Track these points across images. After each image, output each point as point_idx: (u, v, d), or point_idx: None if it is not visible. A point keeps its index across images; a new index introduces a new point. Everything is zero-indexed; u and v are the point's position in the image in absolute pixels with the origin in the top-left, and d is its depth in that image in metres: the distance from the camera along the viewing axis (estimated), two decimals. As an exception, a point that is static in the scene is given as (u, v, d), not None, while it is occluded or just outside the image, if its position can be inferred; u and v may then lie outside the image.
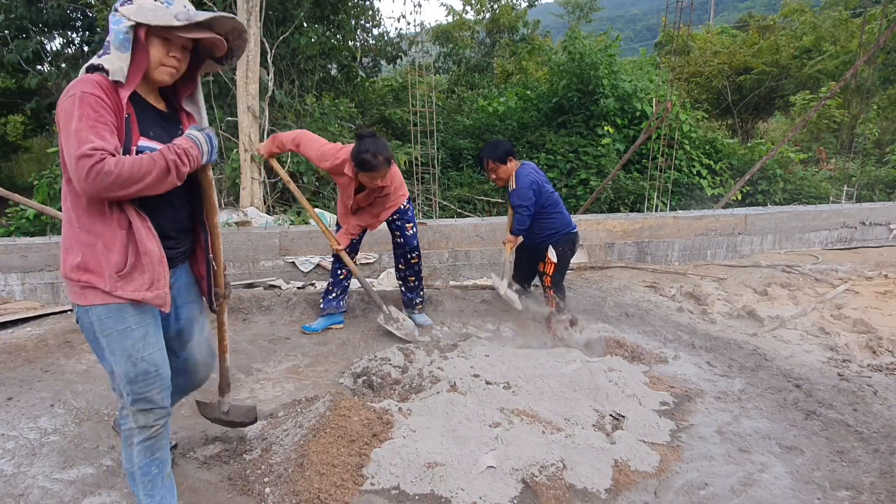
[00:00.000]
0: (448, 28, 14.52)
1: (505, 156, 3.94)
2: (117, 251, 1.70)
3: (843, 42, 12.78)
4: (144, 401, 1.82)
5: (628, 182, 8.83)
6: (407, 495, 2.22)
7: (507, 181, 4.02)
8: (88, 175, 1.54)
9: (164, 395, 1.86)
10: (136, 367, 1.78)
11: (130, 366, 1.77)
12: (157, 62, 1.75)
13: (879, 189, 10.58)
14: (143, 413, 1.83)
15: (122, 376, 1.77)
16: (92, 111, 1.60)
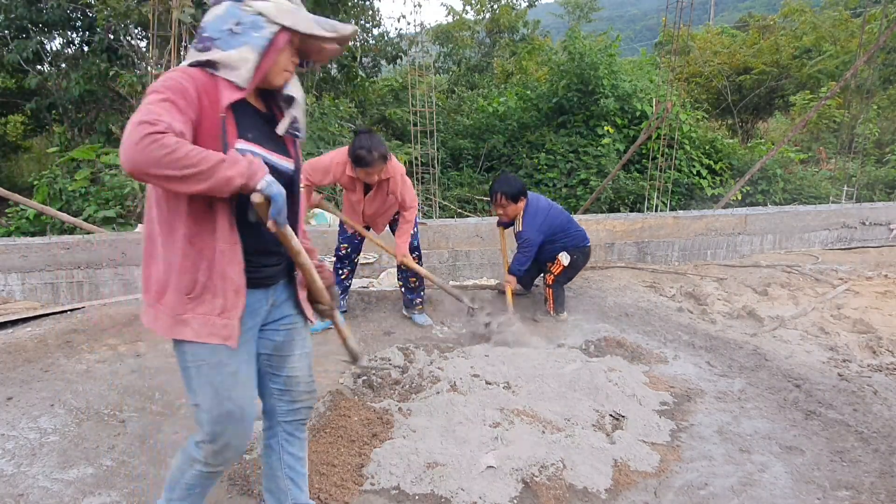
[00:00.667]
0: (448, 28, 14.53)
1: (518, 195, 3.96)
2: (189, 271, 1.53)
3: (843, 42, 12.78)
4: (223, 443, 1.66)
5: (628, 182, 8.84)
6: (407, 495, 2.22)
7: (513, 219, 4.05)
8: (143, 140, 1.31)
9: (244, 440, 1.70)
10: (221, 406, 1.62)
11: (216, 404, 1.61)
12: (282, 67, 1.60)
13: (879, 189, 10.59)
14: (217, 454, 1.68)
15: (205, 412, 1.62)
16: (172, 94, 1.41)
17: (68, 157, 7.81)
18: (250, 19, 1.53)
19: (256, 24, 1.54)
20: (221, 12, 1.54)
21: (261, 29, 1.54)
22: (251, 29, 1.53)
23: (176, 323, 1.56)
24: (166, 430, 2.66)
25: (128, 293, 4.61)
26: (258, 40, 1.53)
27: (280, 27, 1.55)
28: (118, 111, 8.95)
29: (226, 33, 1.53)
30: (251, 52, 1.52)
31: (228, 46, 1.52)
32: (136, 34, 8.77)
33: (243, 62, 1.52)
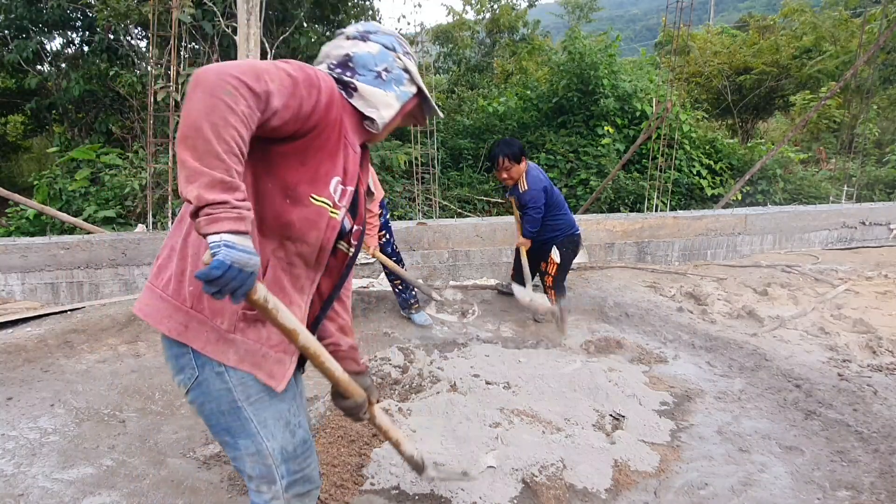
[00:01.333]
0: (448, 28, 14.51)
1: (520, 154, 3.96)
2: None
3: (843, 42, 12.78)
4: (303, 481, 1.47)
5: (628, 182, 8.84)
6: (407, 495, 2.22)
7: (516, 181, 4.04)
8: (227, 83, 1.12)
9: (318, 468, 1.54)
10: (294, 436, 1.43)
11: (289, 436, 1.41)
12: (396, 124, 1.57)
13: (879, 189, 10.58)
14: (299, 498, 1.46)
15: (276, 453, 1.39)
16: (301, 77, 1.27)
17: (68, 157, 7.80)
18: (397, 72, 1.53)
19: (400, 79, 1.54)
20: (375, 52, 1.51)
21: (402, 84, 1.54)
22: (395, 81, 1.53)
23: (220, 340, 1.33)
24: (166, 430, 2.66)
25: (128, 293, 4.61)
26: (403, 94, 1.53)
27: (417, 90, 1.57)
28: (118, 111, 8.94)
29: (372, 74, 1.49)
30: (396, 101, 1.51)
31: (371, 85, 1.48)
32: (136, 34, 8.78)
33: (386, 106, 1.49)
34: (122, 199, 7.14)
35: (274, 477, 1.41)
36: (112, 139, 8.76)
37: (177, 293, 1.34)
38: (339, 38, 1.57)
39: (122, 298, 4.42)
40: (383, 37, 1.55)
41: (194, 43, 7.54)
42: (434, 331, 4.05)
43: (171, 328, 1.33)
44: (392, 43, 1.55)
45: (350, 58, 1.49)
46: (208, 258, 1.10)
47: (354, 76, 1.47)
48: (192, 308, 1.33)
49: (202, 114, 1.11)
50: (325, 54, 1.54)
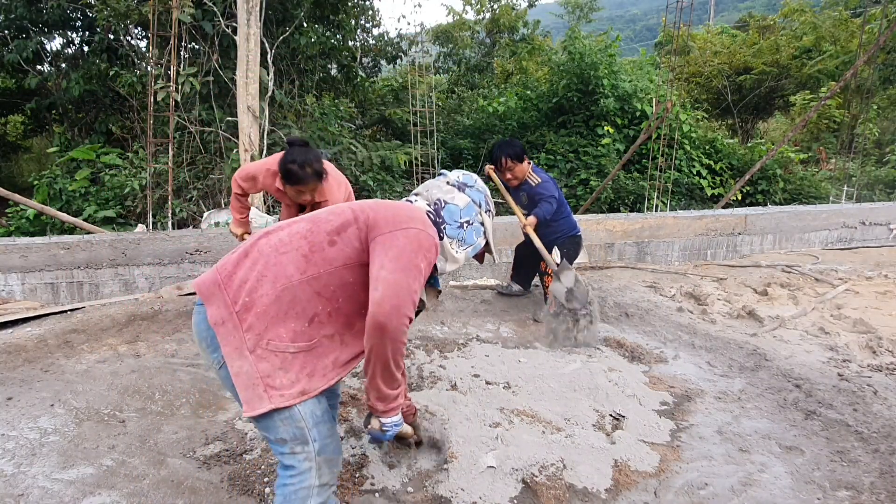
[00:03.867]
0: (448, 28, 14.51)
1: (521, 153, 3.96)
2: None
3: (843, 42, 12.78)
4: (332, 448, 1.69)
5: (628, 182, 8.84)
6: (406, 495, 2.22)
7: (521, 180, 4.03)
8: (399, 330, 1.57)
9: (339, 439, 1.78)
10: (320, 403, 1.67)
11: (316, 402, 1.65)
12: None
13: (879, 189, 10.59)
14: (328, 464, 1.68)
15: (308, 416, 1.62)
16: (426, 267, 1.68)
17: (68, 157, 7.81)
18: (476, 225, 1.87)
19: (477, 232, 1.88)
20: (463, 206, 1.86)
21: (478, 236, 1.89)
22: (474, 232, 1.87)
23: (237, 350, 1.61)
24: (166, 430, 2.66)
25: (128, 293, 4.61)
26: (472, 250, 1.89)
27: (486, 243, 1.92)
28: (118, 111, 8.94)
29: (456, 224, 1.84)
30: (464, 259, 1.87)
31: (452, 235, 1.83)
32: (136, 34, 8.78)
33: (453, 262, 1.86)
34: (122, 199, 7.15)
35: (307, 438, 1.62)
36: (112, 139, 8.76)
37: (235, 294, 1.60)
38: (440, 179, 1.95)
39: (122, 298, 4.42)
40: (475, 193, 1.92)
41: (194, 43, 7.54)
42: (434, 331, 4.05)
43: (213, 315, 1.60)
44: (480, 200, 1.91)
45: (442, 206, 1.84)
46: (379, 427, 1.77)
47: (443, 224, 1.83)
48: (236, 313, 1.59)
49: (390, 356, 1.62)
50: (426, 189, 1.92)
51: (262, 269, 1.61)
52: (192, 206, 7.21)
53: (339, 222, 1.68)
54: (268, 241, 1.67)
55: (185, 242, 4.74)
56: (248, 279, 1.61)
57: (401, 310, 1.54)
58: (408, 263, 1.59)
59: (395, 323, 1.53)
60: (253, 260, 1.64)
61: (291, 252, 1.63)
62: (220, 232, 4.94)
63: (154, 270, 4.70)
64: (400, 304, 1.54)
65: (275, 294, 1.59)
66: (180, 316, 4.01)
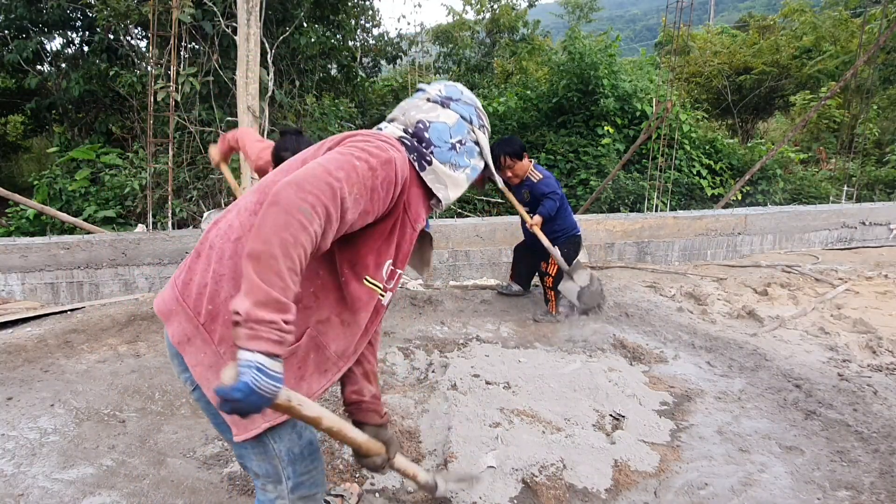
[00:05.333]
0: (448, 28, 14.51)
1: (521, 151, 3.95)
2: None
3: (843, 42, 12.78)
4: (310, 483, 1.47)
5: (628, 182, 8.84)
6: (406, 496, 2.22)
7: (522, 178, 4.02)
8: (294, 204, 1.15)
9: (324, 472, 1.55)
10: (301, 438, 1.44)
11: (296, 437, 1.42)
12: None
13: (879, 189, 10.59)
14: (304, 500, 1.48)
15: (283, 454, 1.40)
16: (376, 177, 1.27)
17: (68, 157, 7.81)
18: (470, 145, 1.54)
19: (472, 152, 1.55)
20: (452, 123, 1.52)
21: (473, 157, 1.56)
22: (467, 153, 1.54)
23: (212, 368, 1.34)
24: (166, 430, 2.66)
25: (128, 293, 4.61)
26: (472, 172, 1.55)
27: (484, 165, 1.59)
28: (118, 111, 8.94)
29: (447, 146, 1.50)
30: (465, 181, 1.53)
31: (444, 159, 1.48)
32: (136, 34, 8.77)
33: (455, 186, 1.50)
34: (122, 199, 7.15)
35: (280, 477, 1.42)
36: (112, 139, 8.76)
37: (196, 304, 1.34)
38: (419, 96, 1.57)
39: (122, 298, 4.42)
40: (463, 107, 1.56)
41: (194, 43, 7.53)
42: (434, 331, 4.05)
43: (175, 334, 1.34)
44: (470, 114, 1.56)
45: (426, 127, 1.49)
46: (233, 375, 1.06)
47: (430, 148, 1.47)
48: (202, 325, 1.32)
49: (274, 230, 1.11)
50: (402, 111, 1.54)
51: (217, 266, 1.33)
52: (192, 206, 7.21)
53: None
54: (217, 232, 1.38)
55: (185, 242, 4.74)
56: (205, 282, 1.33)
57: (302, 184, 1.15)
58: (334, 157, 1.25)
59: (290, 193, 1.14)
60: (206, 258, 1.36)
61: (244, 235, 1.32)
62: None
63: (154, 270, 4.70)
64: (304, 178, 1.16)
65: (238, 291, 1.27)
66: (180, 316, 4.00)
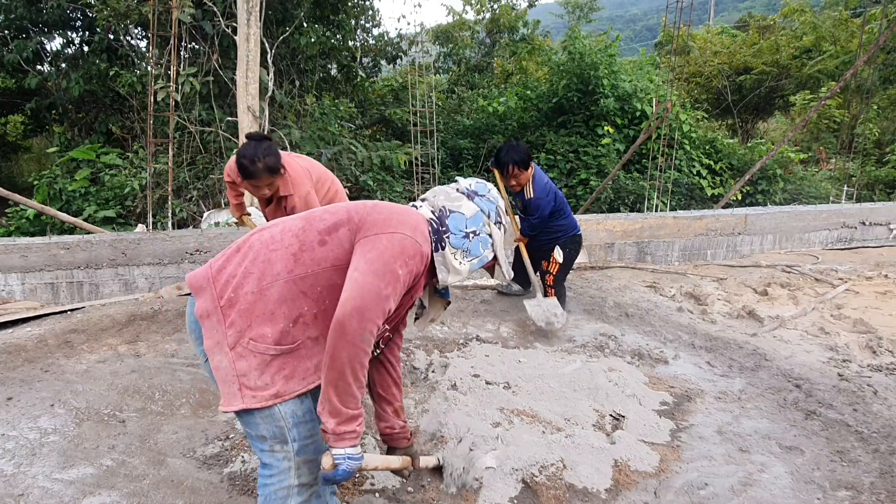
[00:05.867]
0: (448, 28, 14.51)
1: (528, 161, 3.95)
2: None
3: (843, 42, 12.78)
4: (313, 447, 1.63)
5: (628, 182, 8.84)
6: (406, 495, 2.22)
7: (523, 186, 4.03)
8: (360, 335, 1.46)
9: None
10: (303, 403, 1.61)
11: (298, 402, 1.59)
12: None
13: (879, 189, 10.59)
14: (308, 465, 1.63)
15: (288, 416, 1.57)
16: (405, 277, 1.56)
17: (68, 157, 7.81)
18: (483, 237, 1.77)
19: (485, 243, 1.78)
20: (470, 215, 1.75)
21: (485, 248, 1.78)
22: (480, 244, 1.76)
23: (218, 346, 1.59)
24: (166, 430, 2.66)
25: (128, 293, 4.61)
26: (478, 262, 1.78)
27: (494, 256, 1.82)
28: (118, 111, 8.95)
29: (461, 233, 1.72)
30: (467, 272, 1.75)
31: (457, 245, 1.72)
32: (136, 34, 8.77)
33: (455, 273, 1.73)
34: (122, 199, 7.15)
35: (286, 437, 1.59)
36: (112, 139, 8.76)
37: (222, 289, 1.57)
38: (452, 185, 1.87)
39: (122, 298, 4.42)
40: (486, 203, 1.80)
41: (194, 43, 7.54)
42: (434, 331, 4.05)
43: (200, 307, 1.58)
44: (490, 210, 1.80)
45: (447, 214, 1.74)
46: (330, 463, 1.52)
47: (447, 233, 1.71)
48: (221, 307, 1.56)
49: (346, 362, 1.46)
50: (434, 195, 1.82)
51: (250, 265, 1.58)
52: (192, 206, 7.21)
53: (332, 221, 1.63)
54: (260, 237, 1.64)
55: (185, 242, 4.74)
56: (235, 274, 1.58)
57: (364, 312, 1.44)
58: (383, 267, 1.50)
59: (355, 325, 1.43)
60: (243, 255, 1.61)
61: (281, 250, 1.59)
62: (220, 232, 4.94)
63: (154, 270, 4.70)
64: (364, 305, 1.44)
65: (259, 291, 1.55)
66: (180, 316, 4.00)
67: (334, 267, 1.57)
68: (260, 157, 2.90)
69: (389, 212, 1.65)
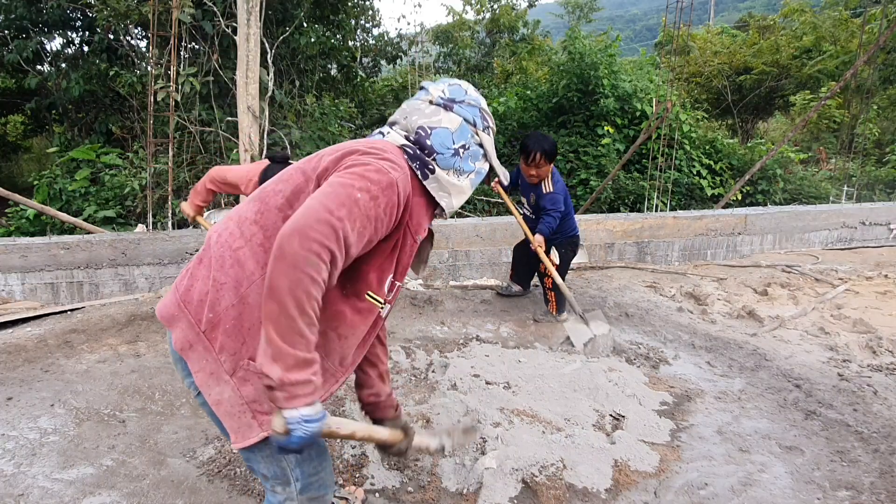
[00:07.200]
0: (448, 28, 14.52)
1: (554, 154, 3.86)
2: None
3: (843, 42, 12.78)
4: (318, 485, 1.47)
5: (628, 182, 8.84)
6: (406, 495, 2.22)
7: (541, 180, 3.97)
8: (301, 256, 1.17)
9: (332, 473, 1.55)
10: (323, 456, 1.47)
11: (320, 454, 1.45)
12: None
13: (879, 189, 10.59)
14: (312, 502, 1.48)
15: (290, 455, 1.39)
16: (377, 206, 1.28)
17: (68, 157, 7.81)
18: (474, 148, 1.51)
19: (476, 155, 1.52)
20: (454, 128, 1.48)
21: (477, 161, 1.52)
22: (472, 157, 1.51)
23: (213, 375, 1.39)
24: (166, 430, 2.66)
25: (128, 293, 4.61)
26: (476, 177, 1.53)
27: (490, 167, 1.56)
28: (118, 111, 8.94)
29: (450, 152, 1.46)
30: (469, 187, 1.50)
31: (447, 165, 1.46)
32: (136, 34, 8.77)
33: (459, 193, 1.48)
34: (122, 199, 7.15)
35: (288, 478, 1.43)
36: (112, 139, 8.76)
37: (197, 311, 1.36)
38: (421, 96, 1.54)
39: (122, 298, 4.42)
40: (467, 109, 1.52)
41: (194, 43, 7.53)
42: (434, 331, 4.05)
43: (178, 340, 1.37)
44: (474, 116, 1.52)
45: (427, 133, 1.46)
46: (282, 428, 1.18)
47: (433, 155, 1.45)
48: (203, 332, 1.35)
49: (286, 290, 1.16)
50: (404, 115, 1.52)
51: (217, 273, 1.35)
52: (192, 206, 7.20)
53: (289, 191, 1.37)
54: (218, 239, 1.39)
55: (185, 242, 4.74)
56: (206, 290, 1.35)
57: (307, 231, 1.16)
58: (333, 190, 1.24)
59: (295, 245, 1.16)
60: (207, 265, 1.38)
61: (246, 246, 1.35)
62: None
63: (154, 270, 4.70)
64: (307, 224, 1.17)
65: (240, 301, 1.33)
66: (180, 316, 4.00)
67: None
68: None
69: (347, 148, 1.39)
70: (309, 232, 1.17)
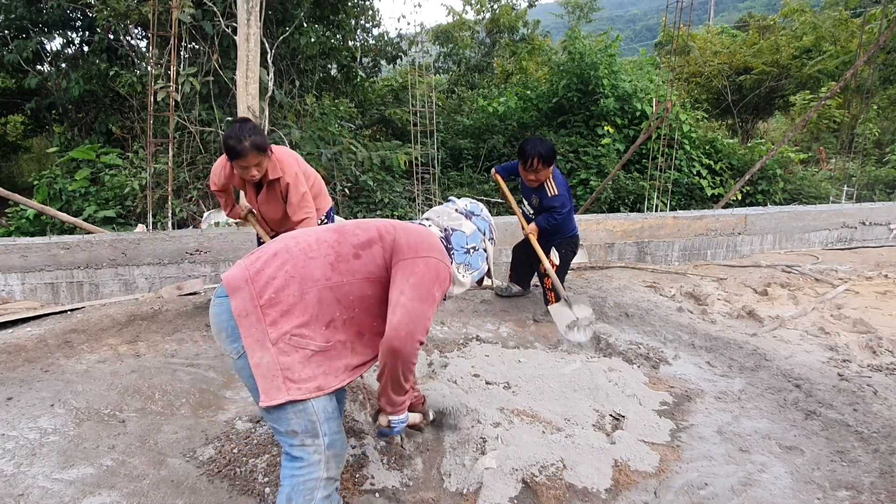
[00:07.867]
0: (448, 28, 14.52)
1: (553, 159, 3.87)
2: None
3: (843, 42, 12.78)
4: (340, 443, 1.80)
5: (628, 182, 8.84)
6: (406, 495, 2.22)
7: (541, 183, 3.98)
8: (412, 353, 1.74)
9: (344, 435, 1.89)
10: (331, 400, 1.79)
11: (327, 399, 1.76)
12: None
13: (879, 189, 10.59)
14: (336, 459, 1.79)
15: (320, 411, 1.73)
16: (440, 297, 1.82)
17: (68, 157, 7.80)
18: (481, 251, 2.01)
19: (482, 258, 2.01)
20: (469, 233, 1.99)
21: (482, 261, 2.02)
22: (478, 258, 2.00)
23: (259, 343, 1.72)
24: (166, 430, 2.66)
25: (128, 293, 4.61)
26: (477, 275, 2.01)
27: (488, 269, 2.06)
28: (118, 111, 8.94)
29: (463, 250, 1.97)
30: (469, 283, 1.99)
31: (459, 261, 1.96)
32: (136, 34, 8.77)
33: (460, 285, 1.97)
34: (122, 199, 7.15)
35: (318, 431, 1.72)
36: (112, 139, 8.75)
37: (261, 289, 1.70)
38: (450, 205, 2.10)
39: (122, 298, 4.42)
40: (481, 221, 2.06)
41: (194, 43, 7.53)
42: (434, 330, 4.04)
43: (237, 307, 1.70)
44: (485, 228, 2.05)
45: (451, 233, 1.98)
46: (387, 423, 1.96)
47: (452, 250, 1.95)
48: (261, 306, 1.69)
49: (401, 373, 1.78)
50: (437, 215, 2.05)
51: (292, 270, 1.73)
52: (192, 206, 7.21)
53: (365, 238, 1.82)
54: (296, 245, 1.80)
55: (185, 242, 4.74)
56: (276, 277, 1.72)
57: (414, 335, 1.70)
58: (425, 292, 1.73)
59: (408, 348, 1.70)
60: (282, 260, 1.75)
61: (319, 258, 1.76)
62: (220, 232, 4.94)
63: (154, 270, 4.70)
64: (414, 330, 1.69)
65: (300, 294, 1.71)
66: (180, 316, 4.00)
67: (367, 279, 1.77)
68: (246, 135, 2.98)
69: (417, 235, 1.86)
70: (416, 335, 1.72)
